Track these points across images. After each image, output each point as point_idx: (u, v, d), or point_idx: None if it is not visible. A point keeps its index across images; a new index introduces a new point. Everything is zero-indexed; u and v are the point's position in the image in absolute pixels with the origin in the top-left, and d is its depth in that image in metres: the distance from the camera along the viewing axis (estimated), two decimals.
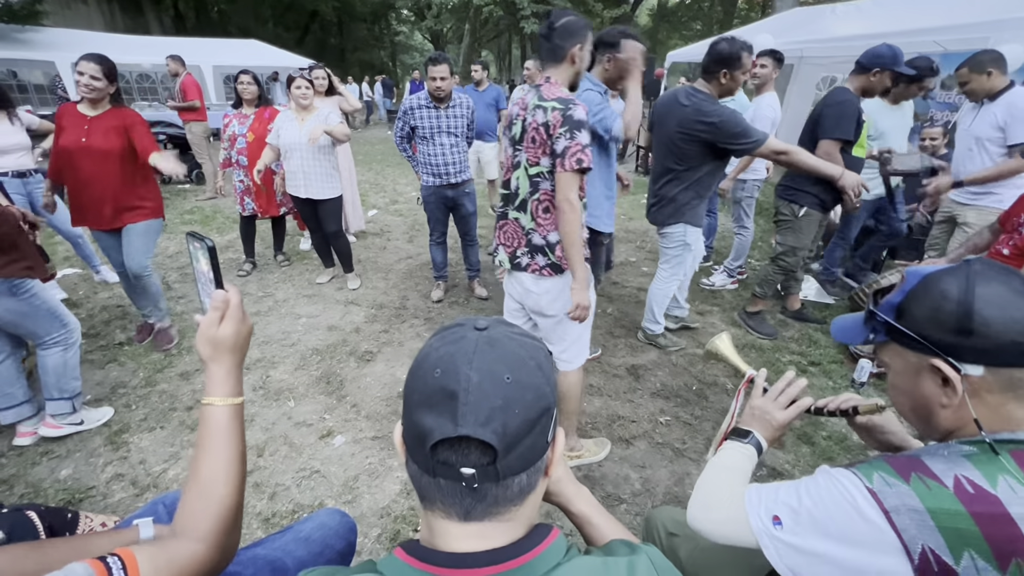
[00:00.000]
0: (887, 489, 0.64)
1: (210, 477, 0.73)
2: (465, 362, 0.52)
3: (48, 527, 1.10)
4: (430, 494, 0.54)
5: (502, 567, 0.51)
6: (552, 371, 0.58)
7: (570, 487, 0.79)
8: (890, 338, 0.77)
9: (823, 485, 0.71)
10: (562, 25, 1.67)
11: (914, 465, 0.65)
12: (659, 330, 3.09)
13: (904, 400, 0.79)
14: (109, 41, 11.89)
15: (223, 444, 0.75)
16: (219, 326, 0.77)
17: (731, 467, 0.90)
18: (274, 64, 12.96)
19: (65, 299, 3.57)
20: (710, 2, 27.93)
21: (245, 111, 3.83)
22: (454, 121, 3.23)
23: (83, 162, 2.55)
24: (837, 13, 7.28)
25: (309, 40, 27.24)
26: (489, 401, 0.50)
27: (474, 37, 22.99)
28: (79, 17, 16.42)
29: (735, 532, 0.78)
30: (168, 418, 2.41)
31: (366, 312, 3.52)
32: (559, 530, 0.57)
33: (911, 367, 0.74)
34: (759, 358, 3.02)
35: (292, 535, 1.10)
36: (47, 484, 2.02)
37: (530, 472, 0.54)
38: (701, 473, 0.93)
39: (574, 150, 1.60)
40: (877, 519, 0.63)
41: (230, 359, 0.78)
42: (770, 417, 0.96)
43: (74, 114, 2.57)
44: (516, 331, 0.58)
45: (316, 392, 2.64)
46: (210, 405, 0.76)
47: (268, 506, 1.93)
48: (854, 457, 2.24)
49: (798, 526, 0.70)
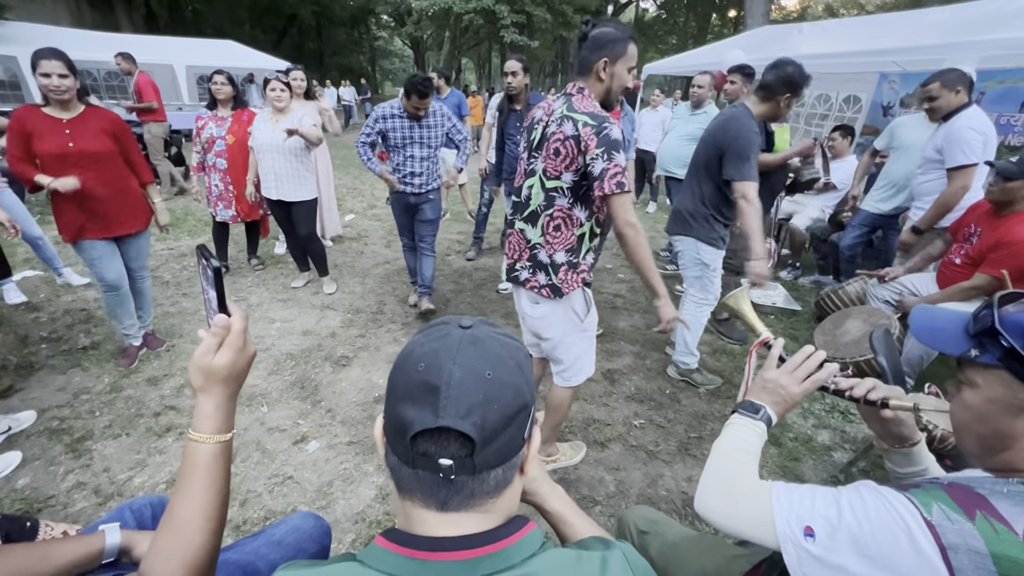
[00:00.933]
0: (947, 524, 0.59)
1: (185, 520, 0.68)
2: (448, 358, 0.54)
3: (5, 535, 1.07)
4: (408, 484, 0.55)
5: (478, 551, 0.53)
6: (531, 371, 0.60)
7: (544, 486, 0.80)
8: (1003, 365, 0.66)
9: (871, 504, 0.66)
10: (594, 36, 1.56)
11: (978, 502, 0.61)
12: (693, 364, 2.82)
13: (977, 426, 0.71)
14: (76, 37, 11.50)
15: (203, 485, 0.69)
16: (215, 353, 0.71)
17: (745, 450, 0.85)
18: (250, 66, 12.77)
19: (26, 302, 3.43)
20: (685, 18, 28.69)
21: (221, 113, 3.74)
22: (428, 132, 3.13)
23: (76, 169, 2.35)
24: (805, 32, 7.59)
25: (287, 43, 26.93)
26: (470, 396, 0.52)
27: (454, 44, 23.07)
28: (44, 11, 15.85)
29: (753, 530, 0.74)
30: (134, 424, 2.33)
31: (342, 317, 3.48)
32: (535, 524, 0.59)
33: (1014, 402, 0.65)
34: (730, 362, 3.10)
35: (265, 539, 1.09)
36: (2, 494, 1.93)
37: (506, 467, 0.56)
38: (711, 454, 0.89)
39: (613, 172, 1.51)
40: (931, 553, 0.59)
41: (221, 391, 0.72)
42: (785, 392, 0.90)
43: (43, 118, 2.33)
44: (499, 331, 0.61)
45: (290, 397, 2.60)
46: (191, 440, 0.70)
47: (239, 513, 1.89)
48: (819, 458, 2.32)
49: (833, 542, 0.66)
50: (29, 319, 3.24)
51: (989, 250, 2.41)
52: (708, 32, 27.57)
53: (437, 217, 3.47)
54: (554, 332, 1.82)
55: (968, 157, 2.69)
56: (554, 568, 0.54)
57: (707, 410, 2.64)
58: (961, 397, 0.73)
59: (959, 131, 2.70)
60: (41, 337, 3.03)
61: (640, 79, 10.43)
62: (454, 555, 0.52)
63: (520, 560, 0.53)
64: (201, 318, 3.34)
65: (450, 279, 4.26)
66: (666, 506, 2.03)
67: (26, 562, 0.88)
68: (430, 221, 3.42)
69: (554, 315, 1.79)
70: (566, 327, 1.80)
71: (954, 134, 2.72)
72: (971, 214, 2.65)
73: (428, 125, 3.13)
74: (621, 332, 3.43)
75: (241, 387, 0.76)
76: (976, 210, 2.62)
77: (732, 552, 1.02)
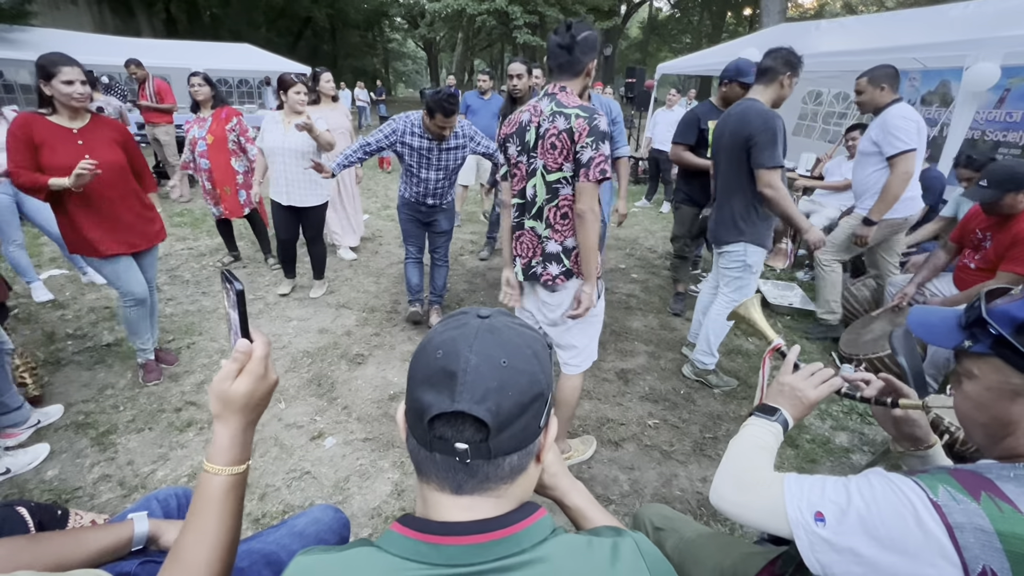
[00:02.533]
0: (953, 504, 0.62)
1: (192, 561, 0.64)
2: (466, 346, 0.55)
3: (38, 523, 1.10)
4: (426, 468, 0.57)
5: (489, 536, 0.54)
6: (548, 361, 0.61)
7: (565, 481, 0.80)
8: (995, 352, 0.70)
9: (879, 488, 0.68)
10: (583, 39, 1.64)
11: (983, 484, 0.63)
12: (711, 364, 2.78)
13: (979, 415, 0.73)
14: (99, 42, 11.80)
15: (214, 520, 0.66)
16: (234, 380, 0.68)
17: (760, 446, 0.88)
18: (266, 69, 12.95)
19: (51, 300, 3.53)
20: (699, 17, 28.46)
21: (203, 114, 3.77)
22: (449, 155, 2.88)
23: (93, 183, 2.18)
24: (822, 29, 7.47)
25: (302, 46, 27.27)
26: (485, 382, 0.53)
27: (467, 46, 23.18)
28: (68, 18, 16.28)
29: (765, 519, 0.76)
30: (156, 419, 2.39)
31: (357, 315, 3.52)
32: (546, 510, 0.60)
33: (1010, 387, 0.68)
34: (745, 363, 3.08)
35: (286, 530, 1.11)
36: (32, 485, 1.99)
37: (521, 454, 0.57)
38: (727, 450, 0.91)
39: (598, 161, 1.60)
40: (938, 533, 0.61)
41: (239, 421, 0.69)
42: (801, 395, 0.93)
43: (51, 127, 2.17)
44: (516, 321, 0.62)
45: (307, 394, 2.64)
46: (204, 471, 0.68)
47: (258, 507, 1.92)
48: (836, 460, 2.30)
49: (842, 525, 0.68)
50: (55, 316, 3.33)
51: (1008, 248, 2.46)
52: (723, 31, 27.30)
53: (451, 227, 3.32)
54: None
55: (906, 143, 2.76)
56: (564, 553, 0.55)
57: (722, 411, 2.62)
58: (962, 389, 0.76)
59: (892, 120, 2.78)
60: (67, 334, 3.12)
61: (654, 79, 10.37)
62: (466, 539, 0.53)
63: (531, 545, 0.54)
64: (220, 316, 3.41)
65: (463, 279, 4.29)
66: (680, 506, 2.02)
67: (60, 550, 0.91)
68: (444, 232, 3.26)
69: (571, 299, 1.86)
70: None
71: (887, 124, 2.80)
72: (974, 221, 2.71)
73: (450, 148, 2.86)
74: (635, 332, 3.42)
75: (260, 416, 0.73)
76: (978, 216, 2.67)
77: (749, 550, 1.02)
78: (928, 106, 6.06)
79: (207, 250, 4.69)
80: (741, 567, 0.96)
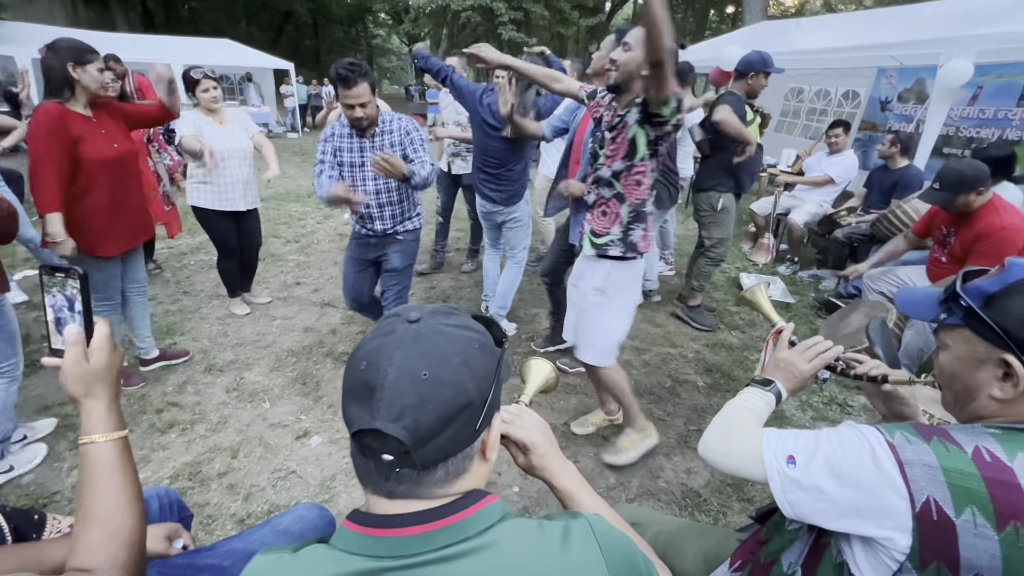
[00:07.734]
0: (906, 445, 0.68)
1: (110, 510, 0.69)
2: (386, 358, 0.55)
3: (14, 528, 1.08)
4: (361, 473, 0.58)
5: (431, 526, 0.54)
6: (485, 364, 0.58)
7: (554, 462, 0.78)
8: (965, 324, 0.76)
9: (845, 435, 0.75)
10: None
11: (937, 432, 0.70)
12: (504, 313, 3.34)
13: (951, 383, 0.79)
14: (73, 36, 11.48)
15: (116, 479, 0.71)
16: (87, 359, 0.73)
17: (750, 408, 0.95)
18: (247, 65, 12.73)
19: (26, 301, 3.44)
20: (683, 14, 28.61)
21: None
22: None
23: (114, 174, 2.11)
24: (802, 27, 7.58)
25: (283, 41, 26.85)
26: (402, 399, 0.52)
27: (452, 42, 23.00)
28: (40, 11, 15.79)
29: (744, 465, 0.83)
30: (137, 421, 2.35)
31: (343, 314, 3.50)
32: (497, 496, 0.60)
33: (975, 355, 0.74)
34: (729, 356, 3.12)
35: (270, 528, 1.10)
36: (8, 489, 1.95)
37: (456, 459, 0.57)
38: (720, 411, 0.97)
39: None
40: (891, 469, 0.67)
41: (107, 392, 0.75)
42: (794, 369, 1.00)
43: (79, 118, 2.04)
44: (450, 323, 0.59)
45: (292, 393, 2.62)
46: (92, 443, 0.71)
47: (243, 507, 1.91)
48: None
49: (810, 466, 0.74)
50: (30, 318, 3.25)
51: (972, 243, 2.55)
52: (706, 28, 27.53)
53: (409, 265, 2.61)
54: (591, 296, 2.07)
55: None
56: (513, 538, 0.55)
57: (706, 403, 2.66)
58: (938, 360, 0.83)
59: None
60: (42, 336, 3.04)
61: None
62: (407, 531, 0.54)
63: (477, 532, 0.54)
64: (202, 316, 3.36)
65: (449, 276, 4.28)
66: (666, 498, 2.05)
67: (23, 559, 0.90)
68: (396, 271, 2.56)
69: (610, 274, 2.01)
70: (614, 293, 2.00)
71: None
72: (937, 218, 2.81)
73: (382, 144, 2.34)
74: None
75: (119, 392, 0.79)
76: (940, 214, 2.77)
77: (732, 535, 1.04)
78: (905, 103, 6.19)
79: (188, 249, 4.61)
80: (724, 546, 0.99)
